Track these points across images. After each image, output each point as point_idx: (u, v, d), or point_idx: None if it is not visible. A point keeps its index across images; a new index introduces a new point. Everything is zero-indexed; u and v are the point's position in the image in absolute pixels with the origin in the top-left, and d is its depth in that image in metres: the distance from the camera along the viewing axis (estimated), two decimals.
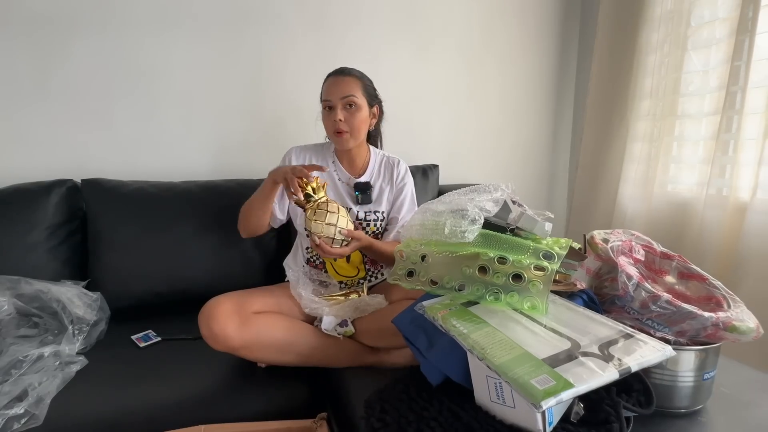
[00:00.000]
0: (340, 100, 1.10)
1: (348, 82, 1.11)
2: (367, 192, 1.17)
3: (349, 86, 1.11)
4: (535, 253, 0.72)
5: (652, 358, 0.60)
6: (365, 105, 1.14)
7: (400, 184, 1.23)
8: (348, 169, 1.22)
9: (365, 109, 1.14)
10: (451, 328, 0.67)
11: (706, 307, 0.77)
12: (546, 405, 0.51)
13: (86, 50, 1.42)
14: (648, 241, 0.91)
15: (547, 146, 2.03)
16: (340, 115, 1.09)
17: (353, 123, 1.11)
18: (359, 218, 1.19)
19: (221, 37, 1.54)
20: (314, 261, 1.22)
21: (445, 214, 0.82)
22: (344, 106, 1.10)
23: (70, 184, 1.34)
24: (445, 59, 1.81)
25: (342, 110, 1.10)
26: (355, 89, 1.11)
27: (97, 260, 1.30)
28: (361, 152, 1.22)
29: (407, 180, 1.24)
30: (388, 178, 1.23)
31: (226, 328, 0.93)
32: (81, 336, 1.07)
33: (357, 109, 1.11)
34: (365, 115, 1.14)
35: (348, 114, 1.11)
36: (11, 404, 0.83)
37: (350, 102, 1.10)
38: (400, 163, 1.25)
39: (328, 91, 1.13)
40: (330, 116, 1.12)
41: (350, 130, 1.11)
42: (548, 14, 1.92)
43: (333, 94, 1.11)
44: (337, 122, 1.10)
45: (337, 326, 1.03)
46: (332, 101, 1.11)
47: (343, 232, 1.00)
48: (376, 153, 1.26)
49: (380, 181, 1.23)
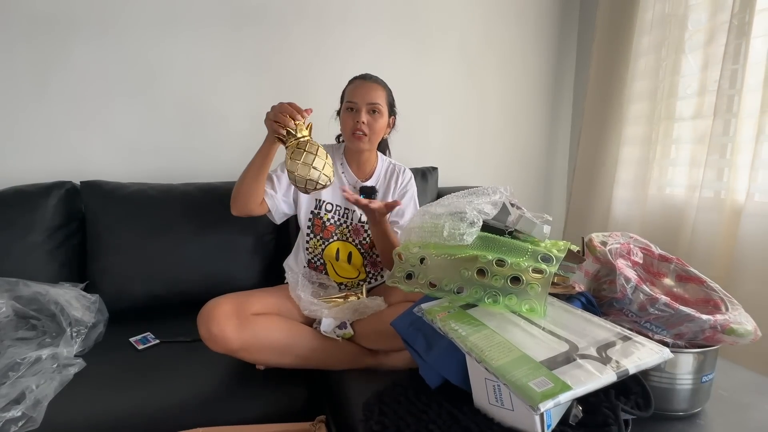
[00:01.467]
0: (366, 105, 1.13)
1: (375, 88, 1.16)
2: (371, 196, 1.19)
3: (376, 93, 1.15)
4: (534, 256, 0.72)
5: (650, 360, 0.60)
6: (386, 114, 1.18)
7: (402, 191, 1.25)
8: (356, 173, 1.24)
9: (385, 118, 1.18)
10: (449, 331, 0.67)
11: (704, 309, 0.77)
12: (544, 407, 0.51)
13: (86, 52, 1.42)
14: (646, 244, 0.91)
15: (546, 149, 2.04)
16: (363, 118, 1.13)
17: (374, 128, 1.15)
18: (362, 221, 1.20)
19: (221, 38, 1.55)
20: (315, 262, 1.22)
21: (443, 217, 0.82)
22: (368, 110, 1.14)
23: (69, 186, 1.34)
24: (445, 62, 1.82)
25: (366, 114, 1.14)
26: (380, 97, 1.15)
27: (96, 262, 1.30)
28: (370, 158, 1.25)
29: (410, 187, 1.27)
30: (392, 184, 1.25)
31: (225, 330, 0.92)
32: (79, 338, 1.07)
33: (379, 115, 1.15)
34: (384, 123, 1.18)
35: (371, 119, 1.14)
36: (8, 407, 0.83)
37: (375, 108, 1.14)
38: (405, 170, 1.28)
39: (354, 93, 1.16)
40: (352, 117, 1.14)
41: (370, 134, 1.15)
42: (547, 18, 1.93)
43: (359, 97, 1.14)
44: (359, 124, 1.13)
45: (336, 328, 1.03)
46: (358, 104, 1.14)
47: (321, 179, 0.96)
48: (383, 160, 1.29)
49: (385, 186, 1.25)
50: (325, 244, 1.20)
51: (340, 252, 1.21)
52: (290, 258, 1.28)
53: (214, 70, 1.55)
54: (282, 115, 0.98)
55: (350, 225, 1.21)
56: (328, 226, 1.20)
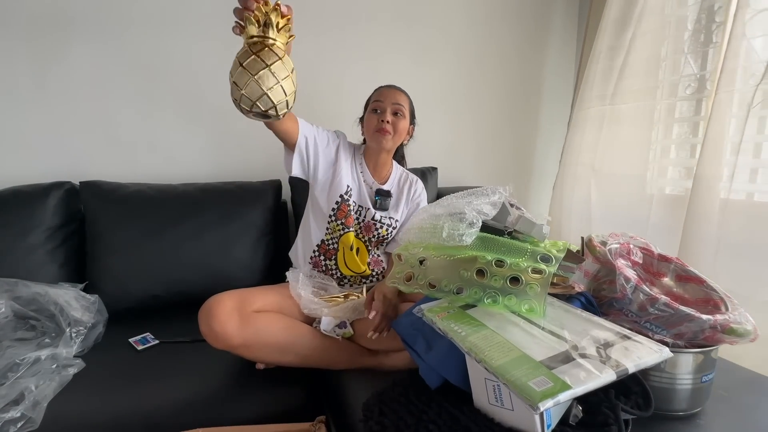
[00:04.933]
0: (391, 105, 1.20)
1: (401, 94, 1.23)
2: (386, 199, 1.24)
3: (401, 97, 1.22)
4: (533, 256, 0.72)
5: (650, 359, 0.60)
6: (408, 119, 1.24)
7: (417, 200, 1.31)
8: (372, 174, 1.28)
9: (407, 122, 1.24)
10: (449, 331, 0.67)
11: (703, 309, 0.77)
12: (544, 406, 0.51)
13: (85, 52, 1.42)
14: (646, 244, 0.91)
15: (545, 149, 2.04)
16: (389, 116, 1.19)
17: (398, 127, 1.20)
18: (375, 219, 1.22)
19: (220, 38, 1.54)
20: (328, 244, 1.22)
21: (443, 218, 0.82)
22: (393, 111, 1.20)
23: (68, 186, 1.34)
24: (444, 62, 1.82)
25: (391, 114, 1.19)
26: (405, 102, 1.22)
27: (95, 263, 1.30)
28: (387, 162, 1.30)
29: (423, 198, 1.33)
30: (405, 192, 1.30)
31: (226, 326, 0.92)
32: (78, 339, 1.07)
33: (402, 117, 1.21)
34: (406, 126, 1.24)
35: (395, 119, 1.20)
36: (7, 408, 0.83)
37: (399, 110, 1.20)
38: (418, 181, 1.34)
39: (382, 94, 1.22)
40: (377, 117, 1.20)
41: (393, 131, 1.20)
42: (546, 17, 1.93)
43: (386, 98, 1.21)
44: (384, 121, 1.18)
45: (336, 327, 1.04)
46: (384, 104, 1.20)
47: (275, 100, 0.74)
48: (397, 168, 1.34)
49: (398, 193, 1.30)
50: (344, 230, 1.20)
51: (354, 244, 1.22)
52: (297, 242, 1.27)
53: (213, 70, 1.55)
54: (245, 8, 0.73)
55: (363, 222, 1.22)
56: (351, 215, 1.21)
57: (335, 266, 1.21)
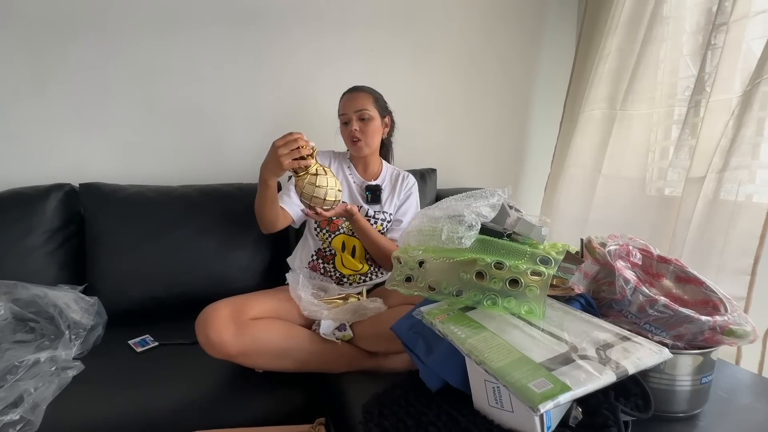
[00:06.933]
0: (355, 113, 1.23)
1: (361, 97, 1.25)
2: (376, 193, 1.28)
3: (361, 101, 1.24)
4: (532, 258, 0.72)
5: (649, 360, 0.60)
6: (377, 116, 1.26)
7: (407, 192, 1.34)
8: (362, 175, 1.32)
9: (377, 120, 1.26)
10: (449, 333, 0.67)
11: (703, 310, 0.77)
12: (544, 408, 0.51)
13: (84, 54, 1.43)
14: (645, 245, 0.91)
15: (544, 151, 2.04)
16: (355, 125, 1.23)
17: (367, 131, 1.23)
18: (368, 215, 1.25)
19: (220, 41, 1.55)
20: (325, 251, 1.26)
21: (442, 220, 0.82)
22: (358, 118, 1.23)
23: (67, 188, 1.34)
24: (443, 63, 1.82)
25: (357, 122, 1.23)
26: (367, 103, 1.24)
27: (95, 264, 1.30)
28: (374, 161, 1.33)
29: (413, 191, 1.36)
30: (397, 186, 1.33)
31: (223, 336, 0.92)
32: (78, 341, 1.07)
33: (370, 119, 1.23)
34: (378, 125, 1.26)
35: (363, 125, 1.23)
36: (6, 410, 0.83)
37: (363, 115, 1.23)
38: (409, 176, 1.38)
39: (344, 106, 1.26)
40: (346, 128, 1.25)
41: (364, 138, 1.23)
42: (546, 19, 1.94)
43: (348, 108, 1.25)
44: (353, 132, 1.23)
45: (336, 330, 1.03)
46: (348, 115, 1.24)
47: (337, 196, 1.01)
48: (387, 166, 1.38)
49: (390, 188, 1.33)
50: (332, 236, 1.25)
51: (345, 244, 1.24)
52: (297, 250, 1.33)
53: (213, 72, 1.55)
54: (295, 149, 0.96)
55: None
56: (335, 220, 1.24)
57: (333, 268, 1.23)
